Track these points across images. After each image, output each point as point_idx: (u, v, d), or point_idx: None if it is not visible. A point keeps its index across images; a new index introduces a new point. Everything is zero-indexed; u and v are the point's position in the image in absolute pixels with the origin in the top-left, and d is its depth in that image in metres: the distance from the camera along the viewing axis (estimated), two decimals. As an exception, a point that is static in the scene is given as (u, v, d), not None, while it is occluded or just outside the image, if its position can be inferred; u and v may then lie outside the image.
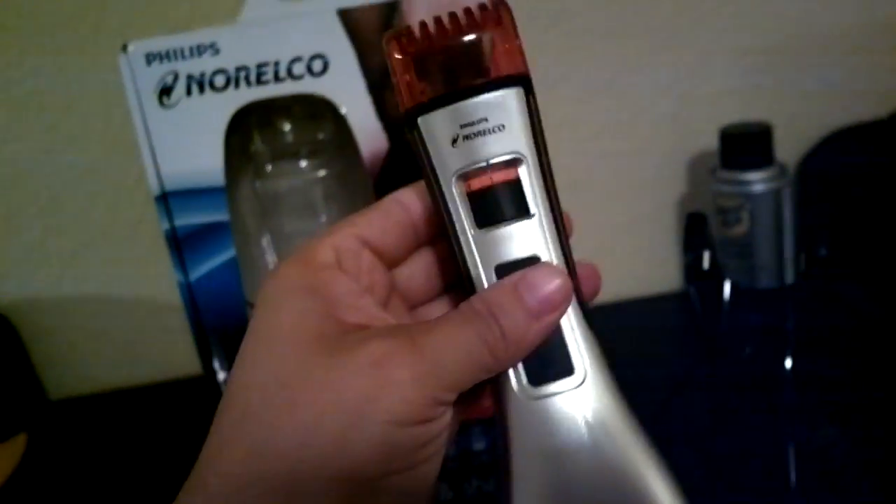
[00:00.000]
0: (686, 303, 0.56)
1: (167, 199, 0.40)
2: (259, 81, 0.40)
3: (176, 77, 0.39)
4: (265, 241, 0.45)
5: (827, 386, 0.48)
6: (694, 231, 0.53)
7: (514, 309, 0.24)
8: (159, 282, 0.63)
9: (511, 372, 0.25)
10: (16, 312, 0.62)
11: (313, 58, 0.40)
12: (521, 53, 0.26)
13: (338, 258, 0.26)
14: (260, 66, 0.39)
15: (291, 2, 0.43)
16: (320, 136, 0.43)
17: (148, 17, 0.56)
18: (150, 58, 0.39)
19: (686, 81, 0.62)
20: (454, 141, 0.25)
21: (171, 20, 0.56)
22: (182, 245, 0.41)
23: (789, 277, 0.57)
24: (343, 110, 0.40)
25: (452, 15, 0.26)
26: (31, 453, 0.57)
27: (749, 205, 0.57)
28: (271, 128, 0.43)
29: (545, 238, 0.25)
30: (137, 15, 0.56)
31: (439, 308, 0.29)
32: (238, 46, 0.39)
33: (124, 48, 0.39)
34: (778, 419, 0.46)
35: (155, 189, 0.40)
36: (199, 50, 0.39)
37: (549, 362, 0.25)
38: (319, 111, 0.42)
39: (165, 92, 0.39)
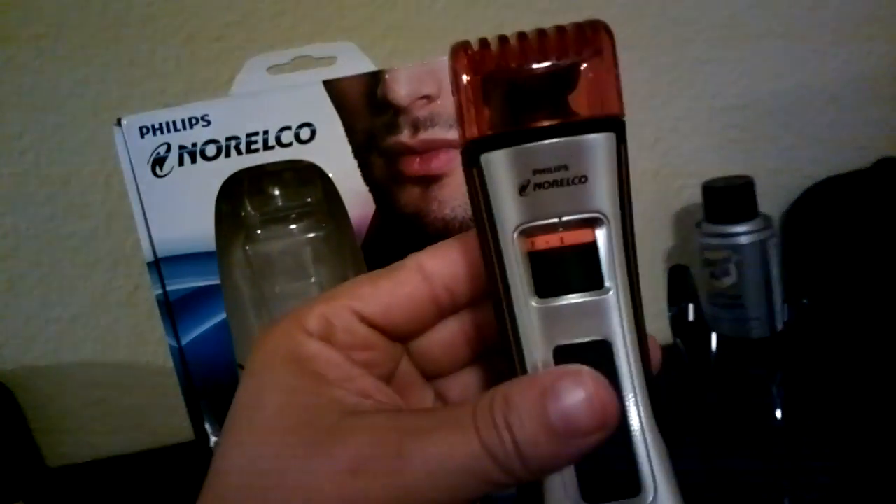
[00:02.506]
0: (675, 355, 0.56)
1: (159, 265, 0.42)
2: (249, 150, 0.41)
3: (169, 148, 0.41)
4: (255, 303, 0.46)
5: (819, 436, 0.48)
6: (677, 284, 0.54)
7: (534, 424, 0.19)
8: (154, 348, 0.63)
9: (558, 481, 0.20)
10: (14, 380, 0.63)
11: (301, 126, 0.41)
12: (619, 91, 0.21)
13: (328, 330, 0.23)
14: (250, 135, 0.41)
15: (280, 74, 0.45)
16: (309, 199, 0.45)
17: (144, 93, 0.59)
18: (143, 130, 0.41)
19: (668, 138, 0.64)
20: (522, 188, 0.21)
21: (168, 94, 0.59)
22: (174, 309, 0.42)
23: (779, 326, 0.57)
24: (330, 174, 0.42)
25: (540, 32, 0.21)
26: (26, 522, 0.57)
27: (736, 257, 0.57)
28: (261, 193, 0.44)
29: (619, 319, 0.21)
30: (134, 90, 0.59)
31: (463, 381, 0.26)
32: (229, 117, 0.41)
33: (118, 122, 0.41)
34: (770, 469, 0.46)
35: (148, 255, 0.41)
36: (191, 122, 0.41)
37: (610, 475, 0.20)
38: (308, 176, 0.44)
39: (158, 162, 0.41)
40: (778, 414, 0.51)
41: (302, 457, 0.21)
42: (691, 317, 0.53)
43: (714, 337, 0.53)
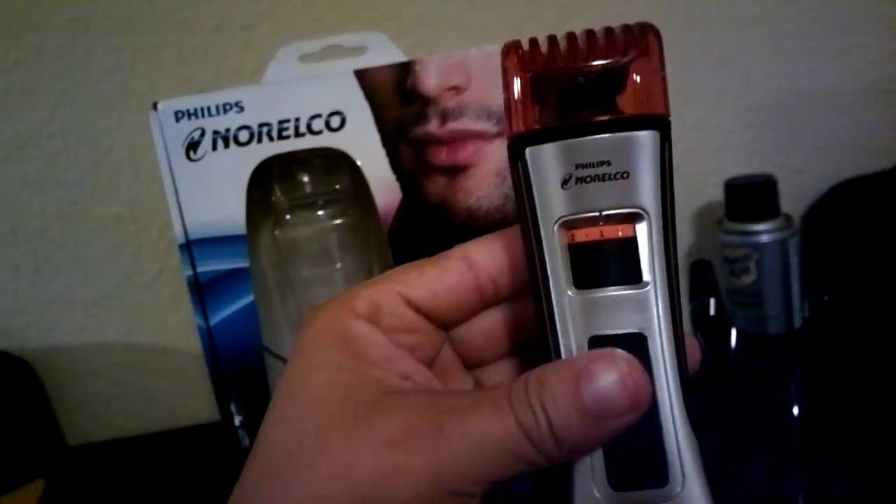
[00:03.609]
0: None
1: (190, 247, 0.43)
2: (280, 136, 0.42)
3: (203, 133, 0.42)
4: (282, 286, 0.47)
5: (836, 432, 0.49)
6: (699, 278, 0.55)
7: (567, 405, 0.20)
8: (179, 330, 0.65)
9: (587, 464, 0.21)
10: (38, 359, 0.64)
11: (331, 114, 0.42)
12: (665, 91, 0.22)
13: (375, 313, 0.24)
14: (281, 122, 0.42)
15: (311, 63, 0.46)
16: (337, 187, 0.45)
17: (175, 78, 0.60)
18: (178, 115, 0.42)
19: (692, 136, 0.64)
20: (565, 182, 0.21)
21: (198, 81, 0.60)
22: (203, 290, 0.43)
23: (797, 324, 0.57)
24: (359, 163, 0.42)
25: (588, 33, 0.22)
26: (48, 498, 0.58)
27: (756, 255, 0.57)
28: (291, 179, 0.45)
29: (656, 313, 0.21)
30: (165, 75, 0.60)
31: (501, 371, 0.26)
32: (261, 104, 0.42)
33: (154, 106, 0.42)
34: (787, 465, 0.47)
35: (180, 237, 0.43)
36: (224, 108, 0.42)
37: (639, 463, 0.21)
38: (337, 164, 0.45)
39: (192, 147, 0.42)
40: (795, 410, 0.51)
41: (344, 430, 0.21)
42: (712, 311, 0.53)
43: (734, 332, 0.54)
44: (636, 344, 0.21)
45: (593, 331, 0.21)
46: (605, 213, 0.21)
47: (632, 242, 0.21)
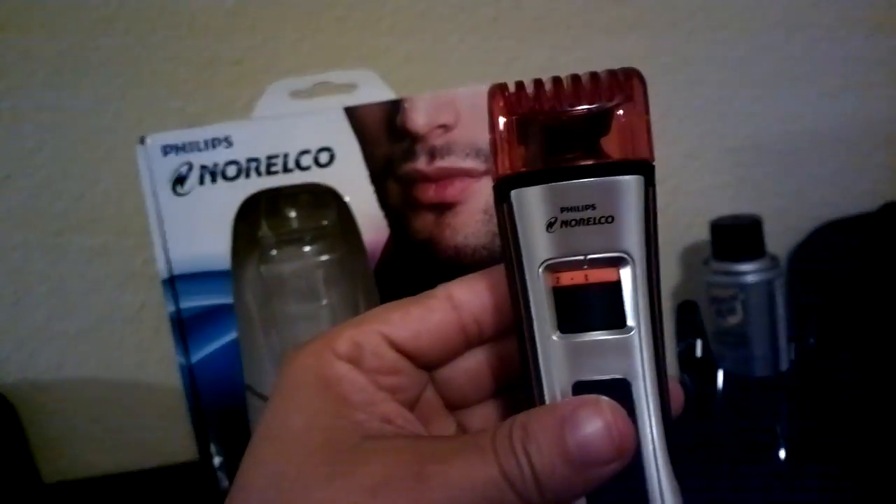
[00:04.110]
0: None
1: (174, 282, 0.42)
2: (269, 172, 0.42)
3: (190, 167, 0.42)
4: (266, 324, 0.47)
5: (822, 474, 0.48)
6: (686, 319, 0.55)
7: (552, 452, 0.20)
8: (159, 366, 0.64)
9: None
10: (16, 393, 0.63)
11: (320, 150, 0.42)
12: (649, 136, 0.22)
13: (357, 353, 0.24)
14: (270, 157, 0.42)
15: (301, 99, 0.46)
16: (324, 223, 0.45)
17: (164, 112, 0.60)
18: (166, 149, 0.42)
19: (678, 175, 0.65)
20: (550, 224, 0.21)
21: (187, 115, 0.60)
22: (185, 327, 0.43)
23: (783, 366, 0.58)
24: (347, 199, 0.42)
25: (574, 77, 0.22)
26: (21, 538, 0.57)
27: (743, 295, 0.58)
28: (278, 215, 0.45)
29: (640, 358, 0.21)
30: (154, 109, 0.60)
31: (485, 413, 0.26)
32: (250, 139, 0.42)
33: (142, 140, 0.42)
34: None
35: (163, 272, 0.42)
36: (213, 143, 0.42)
37: None
38: (324, 200, 0.45)
39: (179, 181, 0.42)
40: (781, 453, 0.51)
41: (324, 476, 0.21)
42: (699, 352, 0.53)
43: (720, 373, 0.54)
44: (620, 390, 0.21)
45: (578, 376, 0.21)
46: (589, 257, 0.21)
47: (616, 287, 0.21)
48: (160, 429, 0.64)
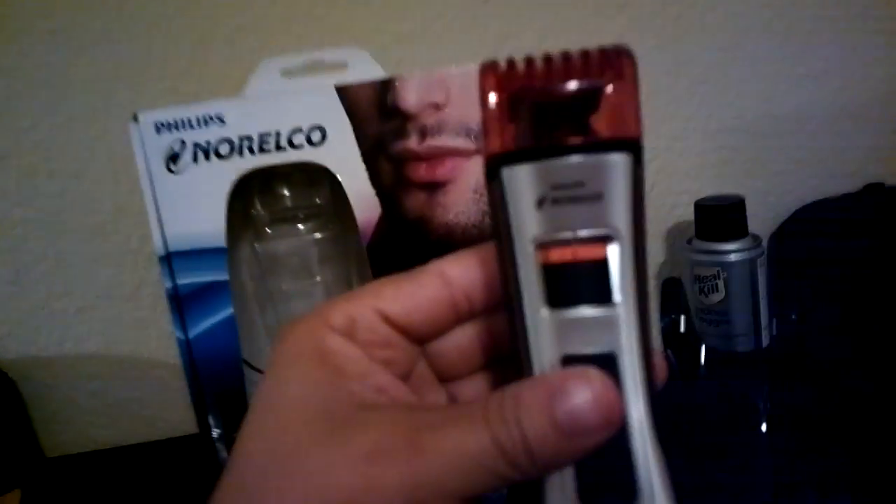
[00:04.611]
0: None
1: (170, 259, 0.42)
2: (261, 150, 0.41)
3: (183, 145, 0.41)
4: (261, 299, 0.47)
5: (802, 448, 0.49)
6: (670, 296, 0.55)
7: (542, 421, 0.20)
8: (158, 342, 0.63)
9: (559, 480, 0.21)
10: (17, 370, 0.63)
11: (312, 129, 0.42)
12: (638, 114, 0.21)
13: (351, 327, 0.24)
14: (262, 135, 0.41)
15: (293, 78, 0.46)
16: (317, 201, 0.45)
17: (156, 90, 0.59)
18: (159, 127, 0.41)
19: (663, 156, 0.65)
20: (540, 202, 0.21)
21: (180, 93, 0.59)
22: (182, 303, 0.42)
23: (765, 342, 0.58)
24: (339, 177, 0.42)
25: (565, 55, 0.22)
26: (23, 510, 0.57)
27: (725, 274, 0.58)
28: (271, 193, 0.45)
29: (627, 333, 0.21)
30: (147, 87, 0.59)
31: (475, 385, 0.26)
32: (243, 118, 0.41)
33: (135, 118, 0.41)
34: (754, 482, 0.47)
35: (160, 249, 0.42)
36: (206, 120, 0.41)
37: (608, 479, 0.21)
38: (317, 178, 0.44)
39: (173, 159, 0.41)
40: (763, 427, 0.51)
41: (320, 444, 0.21)
42: (682, 328, 0.53)
43: (703, 349, 0.54)
44: (607, 363, 0.21)
45: (566, 349, 0.21)
46: (578, 234, 0.21)
47: (603, 263, 0.21)
48: (159, 403, 0.64)
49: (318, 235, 0.45)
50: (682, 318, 0.54)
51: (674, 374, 0.55)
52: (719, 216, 0.58)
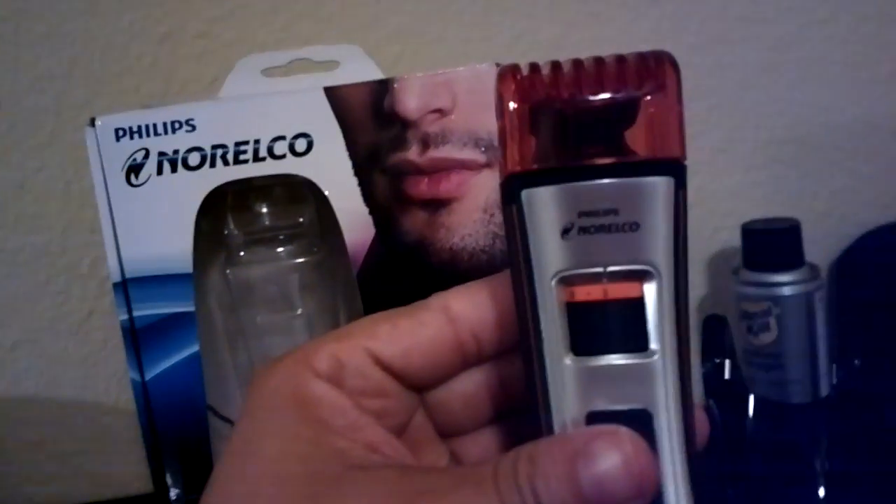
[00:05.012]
0: (707, 418, 0.56)
1: (126, 287, 0.42)
2: (237, 160, 0.42)
3: (147, 154, 0.42)
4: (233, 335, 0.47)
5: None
6: (712, 337, 0.55)
7: (562, 489, 0.20)
8: (109, 383, 0.63)
9: None
10: (-58, 414, 0.63)
11: (296, 137, 0.42)
12: (682, 131, 0.22)
13: (338, 372, 0.24)
14: (238, 144, 0.42)
15: (275, 78, 0.46)
16: (300, 220, 0.45)
17: (117, 91, 0.59)
18: (119, 133, 0.41)
19: (704, 173, 0.65)
20: (566, 231, 0.21)
21: (144, 95, 0.60)
22: (140, 338, 0.42)
23: (824, 392, 0.58)
24: (326, 193, 0.42)
25: (598, 60, 0.22)
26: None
27: (777, 310, 0.58)
28: (247, 211, 0.45)
29: (664, 387, 0.21)
30: (106, 87, 0.59)
31: (483, 443, 0.26)
32: (216, 123, 0.42)
33: (91, 122, 0.41)
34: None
35: (115, 275, 0.42)
36: (173, 126, 0.42)
37: None
38: (300, 194, 0.45)
39: (134, 170, 0.42)
40: (821, 491, 0.51)
41: None
42: (727, 374, 0.53)
43: (752, 399, 0.54)
44: (641, 421, 0.21)
45: (592, 405, 0.21)
46: (609, 269, 0.21)
47: (639, 304, 0.21)
48: (110, 456, 0.64)
49: (300, 260, 0.45)
50: (727, 362, 0.54)
51: (717, 429, 0.55)
52: (770, 242, 0.58)
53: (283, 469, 0.22)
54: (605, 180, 0.21)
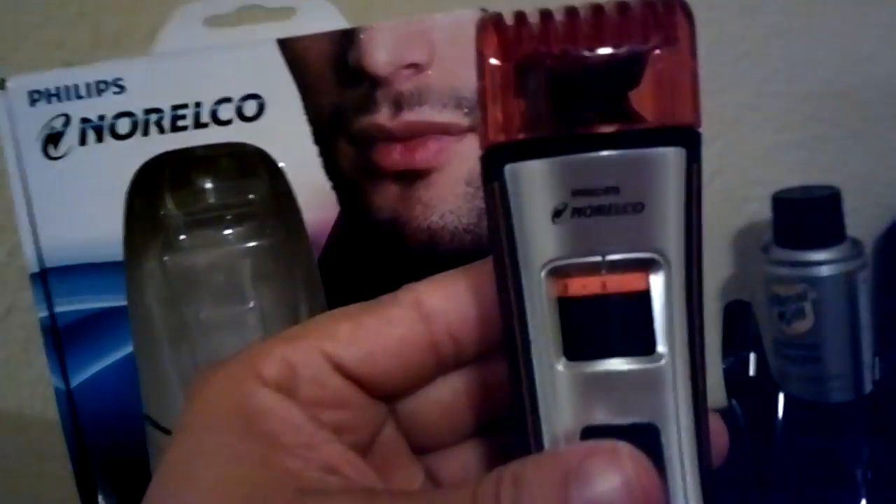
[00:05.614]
0: (730, 421, 0.57)
1: (46, 278, 0.42)
2: (175, 127, 0.42)
3: (67, 121, 0.41)
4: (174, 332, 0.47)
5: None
6: (735, 326, 0.55)
7: None
8: (34, 390, 0.63)
9: None
10: None
11: (245, 98, 0.42)
12: (696, 93, 0.21)
13: (290, 379, 0.24)
14: (176, 108, 0.42)
15: (220, 28, 0.46)
16: (251, 197, 0.45)
17: (34, 46, 0.59)
18: (34, 96, 0.41)
19: (728, 134, 0.65)
20: (557, 213, 0.21)
21: (67, 49, 0.59)
22: (63, 339, 0.42)
23: (867, 389, 0.58)
24: (281, 164, 0.42)
25: (596, 8, 0.21)
26: None
27: (814, 293, 0.58)
28: (188, 186, 0.45)
29: (673, 396, 0.21)
30: (19, 42, 0.59)
31: (462, 460, 0.26)
32: (150, 83, 0.42)
33: (1, 84, 0.41)
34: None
35: (32, 264, 0.42)
36: (98, 87, 0.41)
37: None
38: (251, 166, 0.45)
39: (52, 140, 0.41)
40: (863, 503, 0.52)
41: None
42: (752, 370, 0.53)
43: (781, 398, 0.54)
44: (646, 437, 0.21)
45: (589, 419, 0.21)
46: (609, 257, 0.21)
47: (644, 299, 0.21)
48: (32, 474, 0.64)
49: (251, 244, 0.45)
50: (752, 356, 0.54)
51: (740, 434, 0.56)
52: (806, 214, 0.58)
53: (223, 496, 0.22)
54: (604, 152, 0.21)
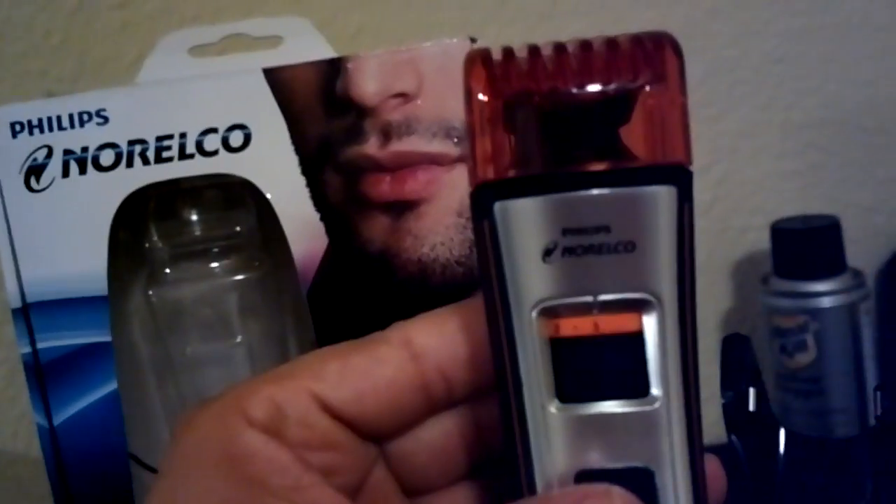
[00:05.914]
0: (730, 457, 0.57)
1: (28, 313, 0.42)
2: (159, 159, 0.42)
3: (50, 153, 0.41)
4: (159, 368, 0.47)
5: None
6: (734, 360, 0.55)
7: None
8: (18, 427, 0.63)
9: None
10: None
11: (231, 129, 0.42)
12: (686, 130, 0.21)
13: (277, 420, 0.24)
14: (161, 139, 0.42)
15: (206, 58, 0.46)
16: (237, 229, 0.45)
17: (18, 75, 0.59)
18: (17, 127, 0.41)
19: (726, 162, 0.65)
20: (547, 252, 0.21)
21: (51, 78, 0.59)
22: (46, 375, 0.42)
23: (872, 422, 0.58)
24: (268, 196, 0.42)
25: (584, 44, 0.21)
26: None
27: (816, 325, 0.58)
28: (173, 219, 0.45)
29: (668, 440, 0.21)
30: (3, 72, 0.59)
31: (453, 502, 0.26)
32: (133, 114, 0.42)
33: (-17, 115, 0.41)
34: None
35: (14, 299, 0.42)
36: (81, 118, 0.41)
37: None
38: (237, 198, 0.45)
39: (35, 172, 0.41)
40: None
41: None
42: (752, 405, 0.53)
43: (783, 433, 0.54)
44: (640, 480, 0.21)
45: (582, 462, 0.21)
46: (601, 298, 0.21)
47: (637, 340, 0.22)
48: (14, 515, 0.64)
49: (238, 277, 0.45)
50: (752, 390, 0.54)
51: (742, 469, 0.56)
52: (806, 245, 0.58)
53: None
54: (594, 191, 0.21)
